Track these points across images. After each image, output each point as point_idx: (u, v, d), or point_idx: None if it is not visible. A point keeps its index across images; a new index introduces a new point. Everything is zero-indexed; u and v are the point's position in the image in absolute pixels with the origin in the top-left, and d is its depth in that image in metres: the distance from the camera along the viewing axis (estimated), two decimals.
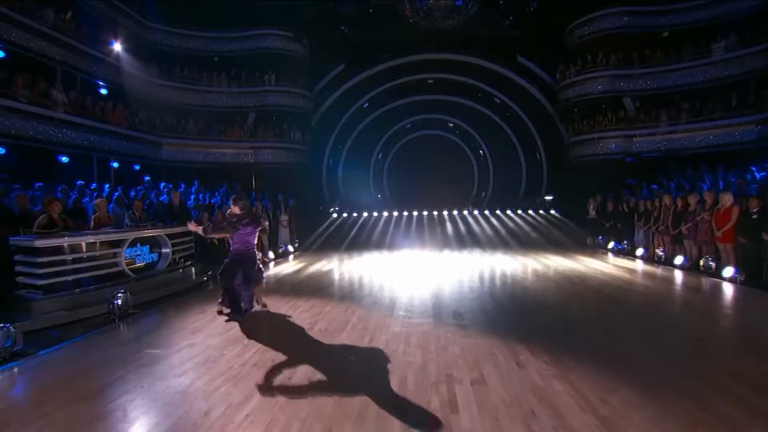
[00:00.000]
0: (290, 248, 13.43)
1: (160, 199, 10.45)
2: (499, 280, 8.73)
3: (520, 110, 19.86)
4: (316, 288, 8.24)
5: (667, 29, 15.75)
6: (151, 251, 8.34)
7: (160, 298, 7.50)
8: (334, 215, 16.93)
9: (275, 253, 12.38)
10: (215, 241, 11.41)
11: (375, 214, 17.23)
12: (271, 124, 18.00)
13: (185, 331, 5.69)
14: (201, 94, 16.76)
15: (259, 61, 17.77)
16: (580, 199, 14.88)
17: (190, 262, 9.65)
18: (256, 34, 17.69)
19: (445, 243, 14.66)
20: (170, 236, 8.78)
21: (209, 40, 17.31)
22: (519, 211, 16.56)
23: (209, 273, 9.53)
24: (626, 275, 8.88)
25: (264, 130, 17.76)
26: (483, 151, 21.65)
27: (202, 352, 4.78)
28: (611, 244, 12.10)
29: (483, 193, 21.64)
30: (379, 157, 22.26)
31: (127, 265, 7.58)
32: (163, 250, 8.59)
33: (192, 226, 5.95)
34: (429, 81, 20.57)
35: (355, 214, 17.18)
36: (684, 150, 14.51)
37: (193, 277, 9.31)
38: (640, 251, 10.70)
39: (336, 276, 9.53)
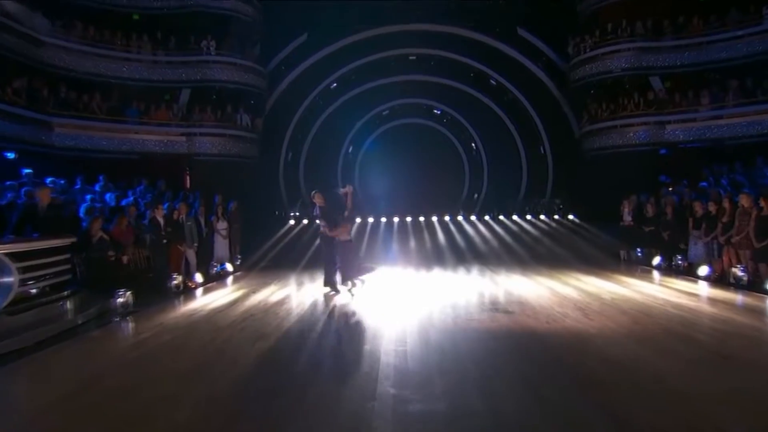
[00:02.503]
0: (229, 267, 10.88)
1: (20, 201, 7.70)
2: (530, 317, 6.52)
3: (520, 94, 18.13)
4: (254, 336, 5.80)
5: None
6: None
7: None
8: (292, 222, 14.38)
9: (205, 275, 9.74)
10: (123, 258, 8.69)
11: None
12: (212, 104, 15.54)
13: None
14: (114, 61, 13.99)
15: (195, 22, 15.33)
16: (600, 202, 13.28)
17: (67, 292, 7.00)
18: None
19: (437, 258, 12.46)
20: (22, 255, 6.11)
21: None
22: (528, 217, 14.56)
23: (90, 311, 6.85)
24: (711, 309, 6.84)
25: (201, 113, 15.23)
26: (475, 143, 19.87)
27: None
28: (656, 259, 10.15)
29: (475, 195, 19.86)
30: (350, 150, 20.22)
31: None
32: (3, 279, 5.88)
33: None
34: (411, 57, 18.72)
35: (318, 221, 14.65)
36: (731, 139, 12.94)
37: (69, 315, 6.66)
38: (703, 270, 8.72)
39: (287, 311, 7.17)
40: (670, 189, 11.84)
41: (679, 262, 9.45)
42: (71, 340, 5.90)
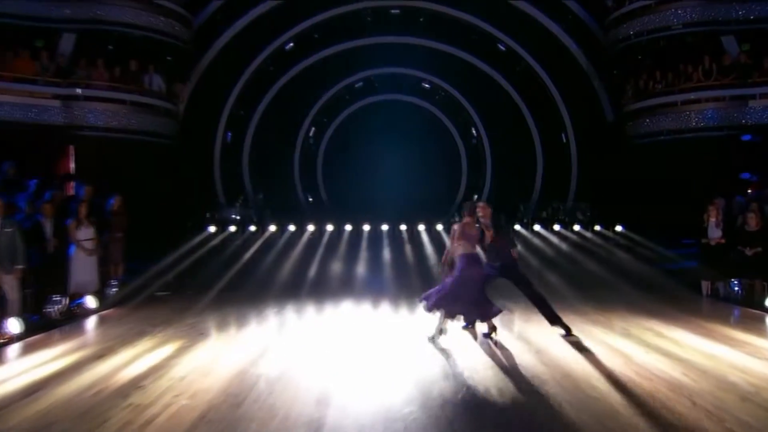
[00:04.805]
0: (90, 301, 7.56)
1: None
2: None
3: (537, 64, 16.16)
4: None
5: None
6: None
7: None
8: (212, 229, 11.18)
9: (39, 317, 6.41)
10: None
11: (292, 228, 11.78)
12: (106, 57, 12.37)
13: None
14: None
15: None
16: (651, 208, 11.64)
17: None
18: None
19: (425, 289, 9.32)
20: None
21: None
22: (556, 227, 11.76)
23: None
24: None
25: (90, 68, 12.08)
26: (476, 128, 17.91)
27: None
28: None
29: (475, 196, 17.77)
30: (311, 134, 18.12)
31: None
32: None
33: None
34: (393, 11, 16.65)
35: (252, 228, 11.59)
36: None
37: None
38: None
39: (131, 413, 4.00)
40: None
41: None
42: None
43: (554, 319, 6.27)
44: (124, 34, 12.51)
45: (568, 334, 6.18)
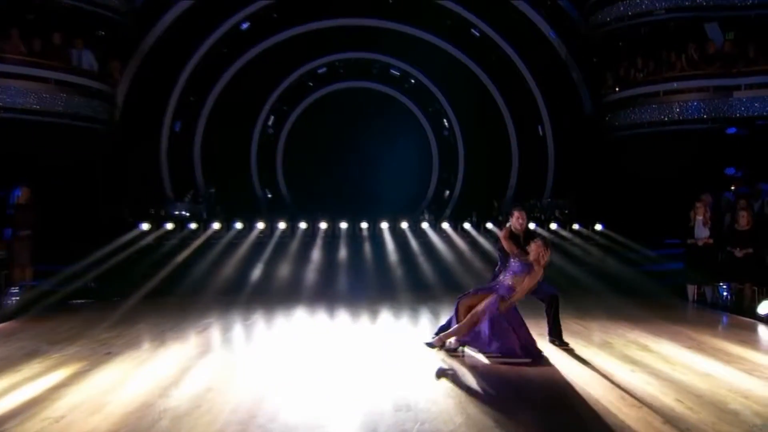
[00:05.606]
0: None
1: None
2: None
3: (513, 52, 15.74)
4: None
5: None
6: None
7: None
8: (145, 226, 10.18)
9: None
10: None
11: (239, 225, 10.88)
12: (24, 28, 11.24)
13: None
14: None
15: None
16: (634, 207, 11.31)
17: None
18: None
19: (384, 294, 8.75)
20: None
21: None
22: (531, 226, 11.20)
23: None
24: None
25: (3, 40, 10.85)
26: (448, 119, 17.35)
27: None
28: (766, 305, 6.80)
29: (446, 192, 17.40)
30: (270, 123, 17.27)
31: None
32: None
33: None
34: None
35: (193, 226, 10.69)
36: None
37: None
38: None
39: None
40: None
41: None
42: None
43: (555, 334, 5.85)
44: (46, 1, 11.34)
45: (563, 344, 5.81)
